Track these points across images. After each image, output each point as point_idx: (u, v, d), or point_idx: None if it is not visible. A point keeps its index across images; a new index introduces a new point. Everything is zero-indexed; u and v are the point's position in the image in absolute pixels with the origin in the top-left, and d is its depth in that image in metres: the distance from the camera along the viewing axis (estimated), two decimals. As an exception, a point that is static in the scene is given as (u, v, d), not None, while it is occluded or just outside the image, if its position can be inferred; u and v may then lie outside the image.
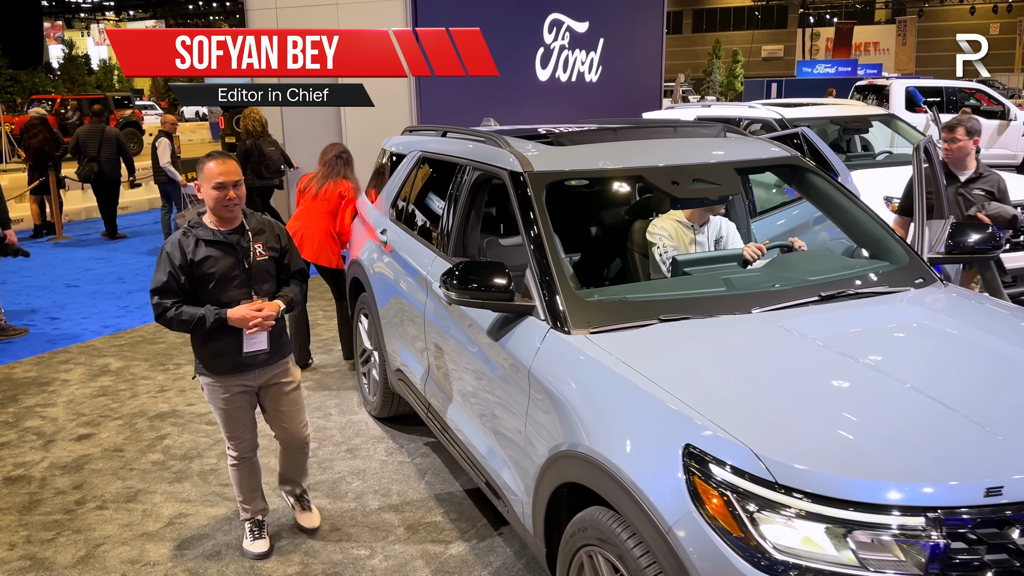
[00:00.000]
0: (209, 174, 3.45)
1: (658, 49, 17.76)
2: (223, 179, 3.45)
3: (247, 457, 3.80)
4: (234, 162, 3.53)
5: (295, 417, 3.85)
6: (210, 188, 3.46)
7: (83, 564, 3.75)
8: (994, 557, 1.96)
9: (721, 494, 2.12)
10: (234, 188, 3.48)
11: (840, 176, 5.60)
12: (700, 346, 2.77)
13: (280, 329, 3.70)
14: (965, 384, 2.48)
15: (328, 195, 5.81)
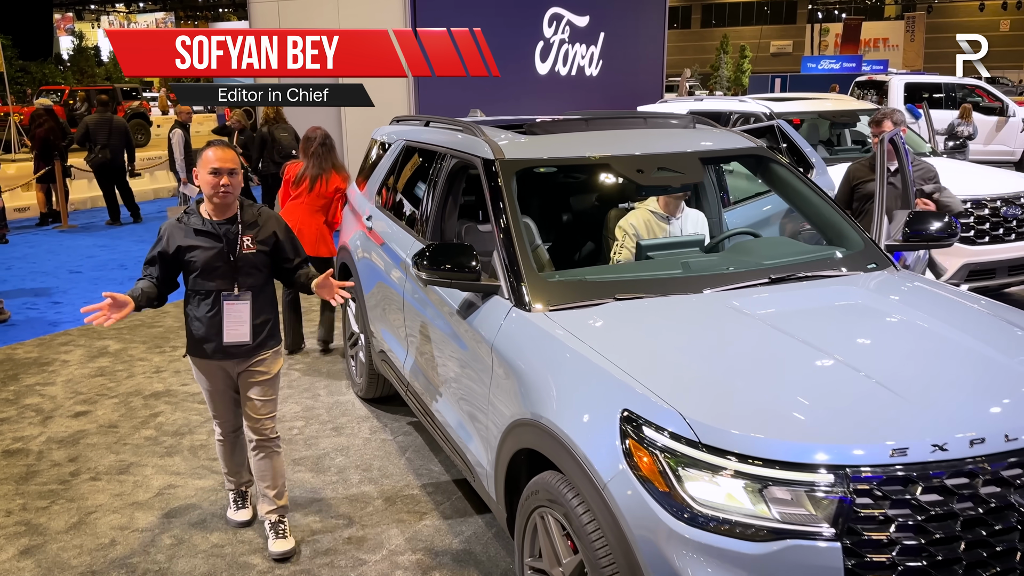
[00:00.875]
0: (206, 160, 3.50)
1: (660, 44, 17.87)
2: (218, 165, 3.48)
3: (231, 434, 3.91)
4: (233, 152, 3.57)
5: (260, 408, 3.76)
6: (205, 173, 3.50)
7: (75, 530, 3.95)
8: (898, 512, 2.13)
9: (651, 454, 2.29)
10: (228, 175, 3.49)
11: (815, 168, 5.75)
12: (648, 322, 2.94)
13: (267, 322, 3.70)
14: (889, 357, 2.65)
15: (322, 191, 5.90)
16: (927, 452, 2.18)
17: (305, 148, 5.94)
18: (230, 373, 3.73)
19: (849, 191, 5.40)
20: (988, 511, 2.17)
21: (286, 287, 3.87)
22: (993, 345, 2.73)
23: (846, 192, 5.40)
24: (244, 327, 3.61)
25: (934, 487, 2.15)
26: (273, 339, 3.77)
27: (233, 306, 3.61)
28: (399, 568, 3.61)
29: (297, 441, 4.88)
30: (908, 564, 2.11)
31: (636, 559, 2.26)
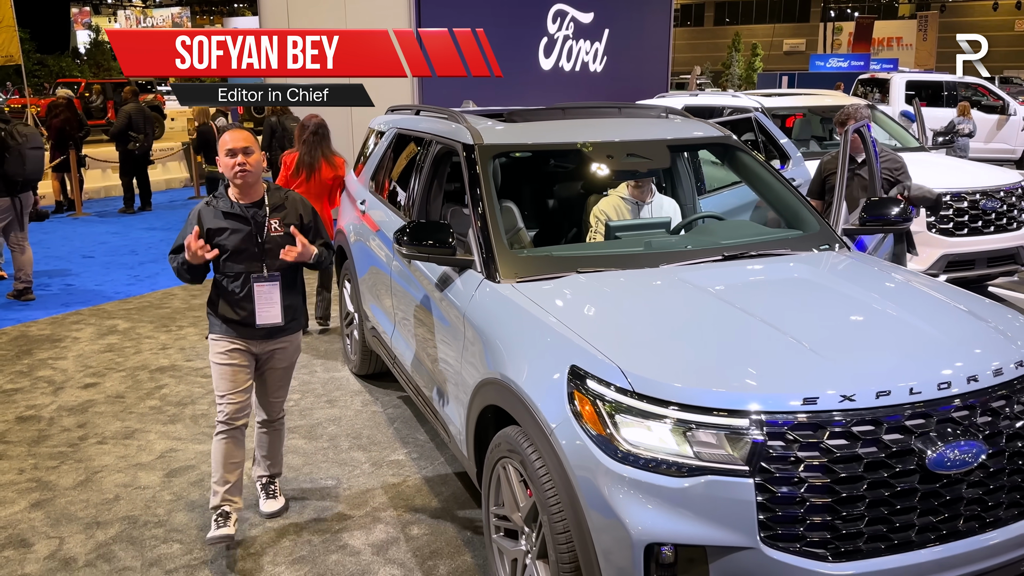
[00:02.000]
0: (222, 143, 3.58)
1: (665, 40, 18.06)
2: (231, 145, 3.53)
3: (233, 425, 3.70)
4: (246, 131, 3.62)
5: (275, 392, 3.91)
6: (223, 156, 3.56)
7: (82, 486, 4.25)
8: (807, 453, 2.39)
9: (592, 403, 2.55)
10: (243, 154, 3.53)
11: (791, 159, 5.98)
12: (603, 292, 3.21)
13: (294, 304, 3.77)
14: (814, 321, 2.90)
15: (320, 178, 6.16)
16: (836, 402, 2.43)
17: (299, 135, 6.20)
18: (253, 354, 3.75)
19: (821, 183, 5.62)
20: (890, 455, 2.43)
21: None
22: (914, 313, 2.98)
23: (818, 183, 5.61)
24: (275, 308, 3.65)
25: (840, 432, 2.41)
26: (297, 322, 3.84)
27: (263, 288, 3.65)
28: (380, 522, 3.89)
29: (293, 412, 5.16)
30: (814, 500, 2.37)
31: (576, 495, 2.52)
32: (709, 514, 2.36)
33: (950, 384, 2.55)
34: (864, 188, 5.31)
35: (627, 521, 2.39)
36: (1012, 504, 2.61)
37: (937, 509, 2.49)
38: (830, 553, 2.38)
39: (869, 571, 2.39)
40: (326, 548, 3.69)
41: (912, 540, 2.46)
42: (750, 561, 2.36)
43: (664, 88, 17.68)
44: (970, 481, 2.52)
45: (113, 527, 3.86)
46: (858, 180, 5.38)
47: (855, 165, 5.43)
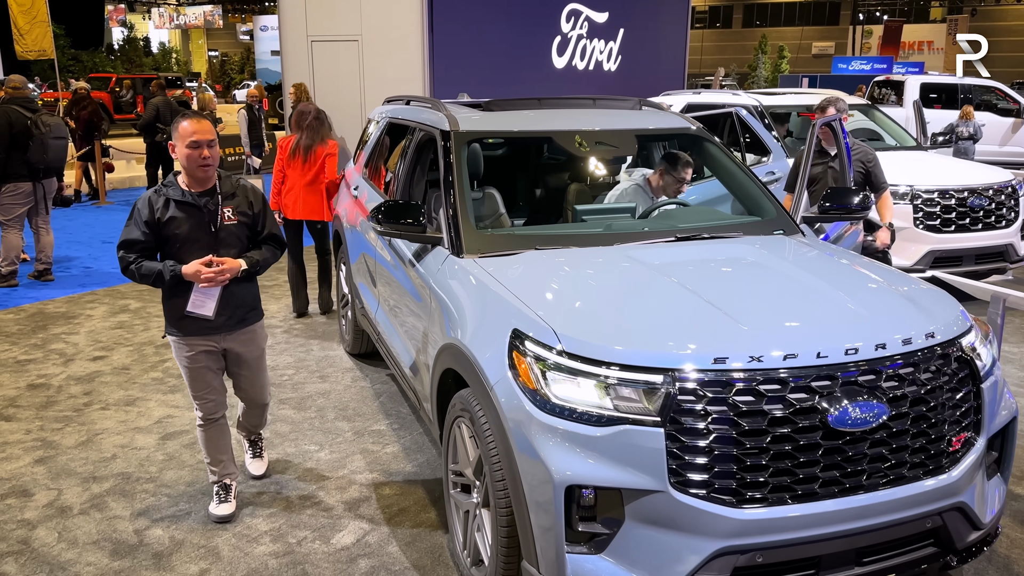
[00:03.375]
0: (183, 133, 3.43)
1: (682, 41, 18.20)
2: (197, 137, 3.43)
3: (213, 419, 3.78)
4: (208, 122, 3.52)
5: (255, 382, 3.90)
6: (184, 147, 3.44)
7: (83, 446, 4.56)
8: (715, 408, 2.61)
9: (527, 361, 2.79)
10: (208, 147, 3.45)
11: (772, 154, 6.16)
12: (555, 266, 3.44)
13: (251, 296, 3.75)
14: (740, 293, 3.12)
15: (316, 158, 6.47)
16: (744, 362, 2.65)
17: (299, 122, 6.48)
18: (215, 348, 3.70)
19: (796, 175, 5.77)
20: (794, 412, 2.64)
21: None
22: (839, 288, 3.19)
23: (794, 176, 5.77)
24: (212, 302, 3.56)
25: (747, 390, 2.62)
26: (256, 312, 3.80)
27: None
28: (355, 484, 4.16)
29: (286, 385, 5.45)
30: (720, 450, 2.59)
31: (510, 444, 2.76)
32: (624, 460, 2.59)
33: (857, 350, 2.75)
34: (836, 180, 5.49)
35: (550, 465, 2.62)
36: (916, 465, 2.81)
37: (840, 464, 2.69)
38: (735, 499, 2.60)
39: (772, 517, 2.61)
40: (302, 504, 3.96)
41: (816, 491, 2.67)
42: (661, 504, 2.58)
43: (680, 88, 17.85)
44: (873, 440, 2.72)
45: (108, 481, 4.16)
46: (831, 172, 5.56)
47: (828, 158, 5.61)
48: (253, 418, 4.16)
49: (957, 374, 2.94)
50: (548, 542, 2.66)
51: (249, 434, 4.26)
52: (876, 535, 2.77)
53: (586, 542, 2.66)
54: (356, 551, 3.57)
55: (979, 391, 2.99)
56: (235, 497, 3.90)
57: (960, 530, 2.92)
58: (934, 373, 2.86)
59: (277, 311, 7.14)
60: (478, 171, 4.49)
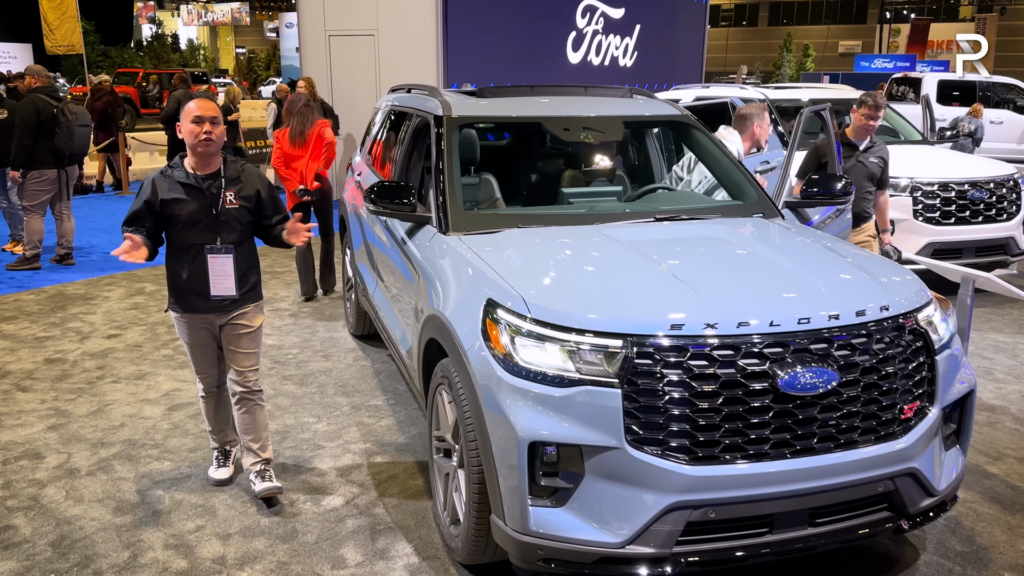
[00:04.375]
0: (188, 111, 3.54)
1: (700, 37, 18.28)
2: (200, 113, 3.51)
3: (213, 391, 3.94)
4: (213, 102, 3.63)
5: (244, 360, 3.82)
6: (188, 123, 3.52)
7: (94, 415, 4.79)
8: (669, 370, 2.76)
9: (498, 327, 2.96)
10: (210, 123, 3.51)
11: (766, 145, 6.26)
12: (532, 242, 3.61)
13: (249, 276, 3.78)
14: (705, 267, 3.27)
15: (309, 140, 6.68)
16: (699, 328, 2.80)
17: (290, 109, 6.75)
18: (213, 326, 3.78)
19: (817, 165, 5.62)
20: (746, 376, 2.79)
21: (263, 242, 3.88)
22: (801, 263, 3.33)
23: (812, 165, 5.57)
24: (229, 280, 3.65)
25: (701, 354, 2.78)
26: (254, 292, 3.83)
27: (217, 259, 3.64)
28: (349, 452, 4.35)
29: (290, 363, 5.66)
30: (674, 410, 2.74)
31: (480, 405, 2.93)
32: (583, 419, 2.75)
33: (810, 320, 2.90)
34: (868, 176, 5.55)
35: (515, 423, 2.79)
36: (868, 430, 2.95)
37: (791, 427, 2.84)
38: (689, 457, 2.75)
39: (723, 475, 2.76)
40: (297, 469, 4.16)
41: (767, 452, 2.81)
42: (618, 460, 2.74)
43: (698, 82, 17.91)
44: (824, 405, 2.86)
45: (115, 447, 4.39)
46: (860, 167, 5.59)
47: (857, 151, 5.66)
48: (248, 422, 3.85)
49: (911, 345, 3.06)
50: (513, 496, 2.83)
51: (257, 456, 3.90)
52: (828, 496, 2.91)
53: (549, 496, 2.83)
54: (344, 512, 3.76)
55: (933, 363, 3.11)
56: (233, 463, 4.08)
57: (913, 495, 3.05)
58: (887, 344, 3.00)
59: (286, 295, 7.36)
60: (474, 157, 4.66)
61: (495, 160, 4.91)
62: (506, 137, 5.58)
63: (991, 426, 4.78)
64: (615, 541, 2.77)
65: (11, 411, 4.83)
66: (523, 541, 2.83)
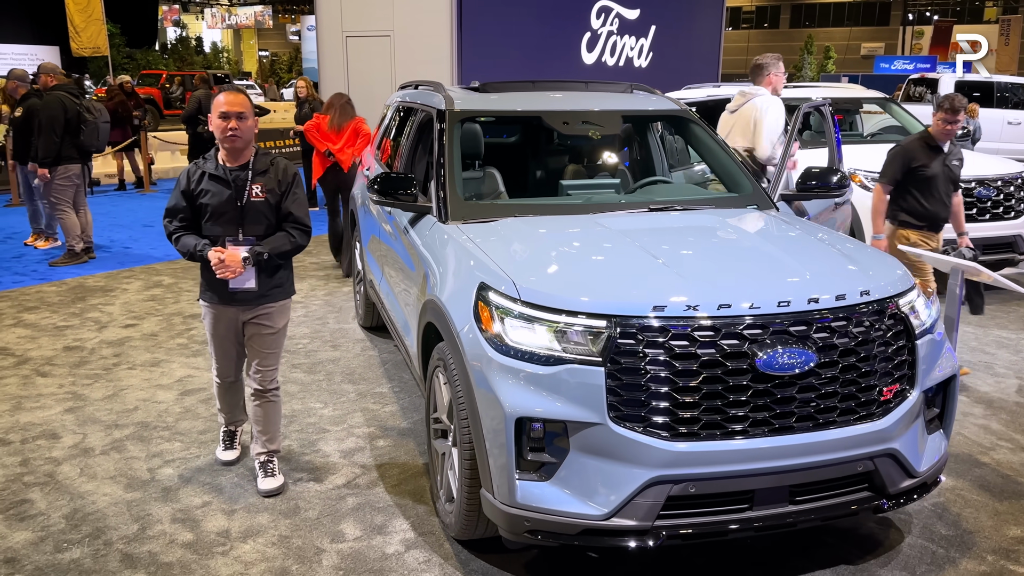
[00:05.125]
0: (216, 104, 3.60)
1: (716, 38, 18.28)
2: (226, 108, 3.56)
3: (228, 382, 4.03)
4: (242, 96, 3.66)
5: (265, 360, 3.86)
6: (216, 117, 3.60)
7: (109, 399, 4.96)
8: (651, 350, 2.87)
9: (489, 309, 3.08)
10: (237, 119, 3.55)
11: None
12: (527, 230, 3.72)
13: (276, 271, 3.77)
14: (692, 253, 3.38)
15: (347, 131, 7.81)
16: (681, 310, 2.90)
17: (333, 103, 7.96)
18: (236, 321, 3.80)
19: (905, 171, 5.39)
20: (725, 356, 2.89)
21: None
22: (786, 251, 3.43)
23: (900, 169, 5.37)
24: (249, 274, 3.64)
25: (682, 335, 2.88)
26: (281, 290, 3.80)
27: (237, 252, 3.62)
28: (352, 436, 4.49)
29: (300, 352, 5.81)
30: (656, 388, 2.85)
31: (471, 383, 3.05)
32: (568, 396, 2.86)
33: (790, 303, 2.99)
34: (951, 180, 5.39)
35: (503, 400, 2.91)
36: (847, 411, 3.04)
37: (770, 406, 2.93)
38: (669, 433, 2.86)
39: (702, 450, 2.86)
40: (302, 451, 4.30)
41: (746, 429, 2.91)
42: (601, 435, 2.85)
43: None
44: (802, 385, 2.96)
45: (128, 428, 4.55)
46: (945, 171, 5.41)
47: (943, 155, 5.44)
48: (263, 417, 3.91)
49: (891, 330, 3.15)
50: (501, 470, 2.95)
51: (262, 450, 3.95)
52: (808, 474, 3.00)
53: (535, 470, 2.94)
54: (346, 491, 3.89)
55: (914, 347, 3.20)
56: (240, 444, 4.23)
57: (893, 476, 3.13)
58: (867, 327, 3.08)
59: (299, 288, 7.53)
60: (479, 152, 4.79)
61: (497, 155, 5.03)
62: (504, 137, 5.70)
63: (987, 418, 4.84)
64: (598, 514, 2.88)
65: (31, 394, 5.01)
66: (510, 513, 2.95)
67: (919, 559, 3.42)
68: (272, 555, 3.37)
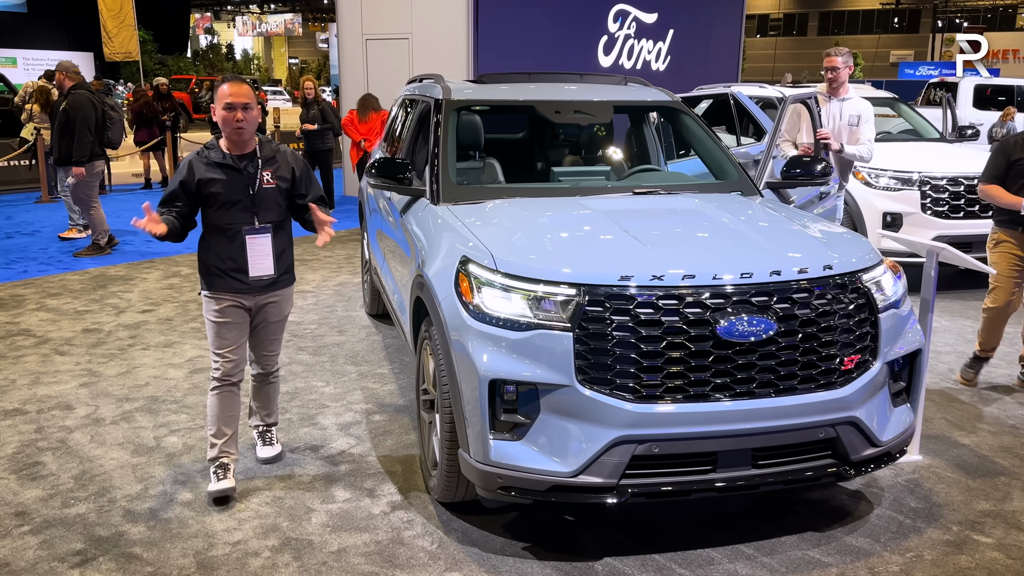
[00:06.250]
0: (221, 95, 3.56)
1: (736, 43, 18.35)
2: (232, 100, 3.53)
3: (228, 381, 3.75)
4: (247, 86, 3.63)
5: (270, 346, 3.92)
6: (220, 109, 3.55)
7: (122, 376, 5.20)
8: (618, 316, 3.03)
9: (468, 279, 3.26)
10: (243, 110, 3.53)
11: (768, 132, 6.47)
12: (512, 211, 3.89)
13: (286, 257, 3.80)
14: (665, 230, 3.54)
15: (372, 122, 10.09)
16: (647, 279, 3.06)
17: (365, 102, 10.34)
18: (247, 308, 3.77)
19: (1007, 167, 5.10)
20: (688, 323, 3.04)
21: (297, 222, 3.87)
22: (756, 229, 3.57)
23: (1002, 167, 5.09)
24: (268, 260, 3.68)
25: (647, 303, 3.03)
26: (289, 275, 3.86)
27: (256, 240, 3.65)
28: (351, 411, 4.68)
29: (307, 336, 6.03)
30: (621, 352, 3.00)
31: (449, 348, 3.23)
32: (539, 359, 3.03)
33: (752, 275, 3.14)
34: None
35: (477, 363, 3.08)
36: (808, 379, 3.17)
37: (731, 371, 3.08)
38: (634, 396, 3.01)
39: (665, 412, 3.01)
40: (301, 424, 4.50)
41: (707, 393, 3.06)
42: (569, 396, 3.01)
43: (732, 89, 17.98)
44: (762, 353, 3.10)
45: (138, 402, 4.78)
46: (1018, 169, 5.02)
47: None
48: (262, 396, 4.03)
49: (853, 303, 3.28)
50: (476, 430, 3.12)
51: (261, 423, 4.11)
52: (769, 438, 3.14)
53: (508, 430, 3.11)
54: (340, 459, 4.09)
55: (876, 320, 3.32)
56: (233, 476, 3.76)
57: (855, 443, 3.26)
58: (829, 300, 3.22)
59: (312, 279, 7.76)
60: (478, 142, 4.96)
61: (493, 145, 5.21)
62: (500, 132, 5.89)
63: (974, 404, 4.93)
64: (567, 471, 3.04)
65: (49, 371, 5.27)
66: (485, 471, 3.11)
67: (885, 528, 3.53)
68: (265, 513, 3.57)
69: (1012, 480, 3.98)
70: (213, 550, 3.29)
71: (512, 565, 3.22)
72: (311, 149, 11.69)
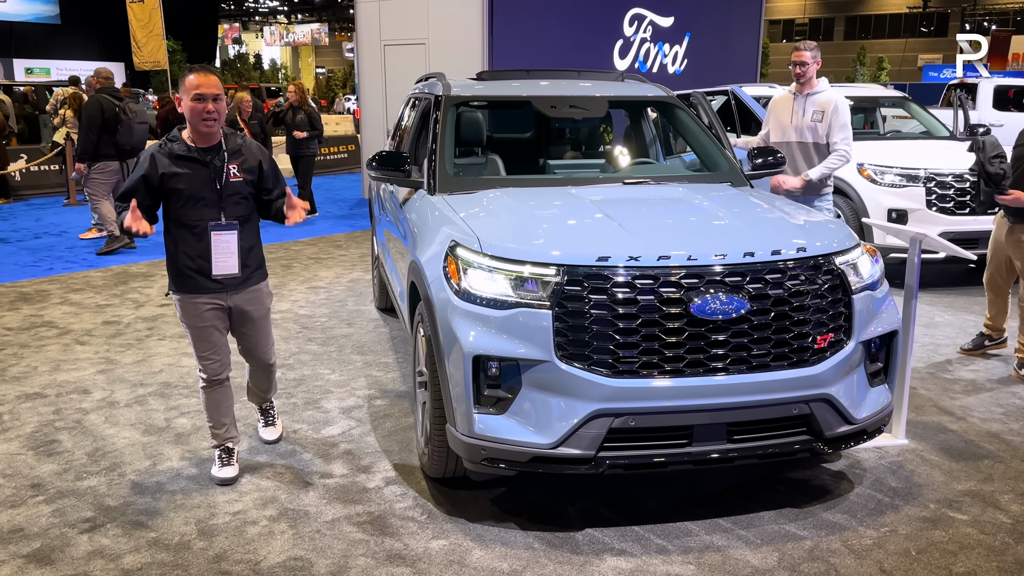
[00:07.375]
0: (188, 86, 3.36)
1: (755, 47, 18.39)
2: (202, 91, 3.35)
3: (217, 380, 3.73)
4: (215, 76, 3.46)
5: (259, 343, 3.86)
6: (188, 100, 3.36)
7: (137, 364, 5.42)
8: (595, 296, 3.17)
9: (456, 262, 3.42)
10: (213, 101, 3.36)
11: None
12: (505, 200, 4.04)
13: (255, 252, 3.71)
14: (647, 216, 3.67)
15: None
16: (623, 260, 3.20)
17: None
18: (220, 307, 3.64)
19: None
20: (662, 302, 3.17)
21: (262, 217, 3.76)
22: (734, 214, 3.70)
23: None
24: (233, 258, 3.53)
25: (623, 283, 3.17)
26: (260, 271, 3.74)
27: (221, 236, 3.50)
28: (353, 396, 4.85)
29: (316, 328, 6.22)
30: (598, 329, 3.14)
31: (436, 325, 3.39)
32: (520, 336, 3.18)
33: (726, 256, 3.27)
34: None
35: (462, 340, 3.23)
36: (781, 356, 3.29)
37: (704, 348, 3.21)
38: (610, 371, 3.15)
39: (640, 386, 3.15)
40: (305, 407, 4.68)
41: (681, 369, 3.19)
42: (548, 371, 3.16)
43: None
44: (736, 331, 3.22)
45: (152, 387, 4.99)
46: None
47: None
48: (260, 381, 4.07)
49: (827, 284, 3.39)
50: (461, 404, 3.27)
51: (260, 401, 4.20)
52: (743, 413, 3.27)
53: (492, 405, 3.26)
54: (340, 439, 4.26)
55: (850, 301, 3.43)
56: (237, 462, 3.84)
57: (829, 421, 3.37)
58: (802, 281, 3.34)
59: (325, 275, 7.96)
60: (478, 137, 5.13)
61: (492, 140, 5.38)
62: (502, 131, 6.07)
63: (967, 394, 5.00)
64: (546, 443, 3.18)
65: (68, 359, 5.50)
66: (469, 443, 3.27)
67: (863, 506, 3.63)
68: (265, 486, 3.74)
69: (995, 463, 4.06)
70: (214, 519, 3.47)
71: (496, 534, 3.36)
72: (293, 154, 11.64)
